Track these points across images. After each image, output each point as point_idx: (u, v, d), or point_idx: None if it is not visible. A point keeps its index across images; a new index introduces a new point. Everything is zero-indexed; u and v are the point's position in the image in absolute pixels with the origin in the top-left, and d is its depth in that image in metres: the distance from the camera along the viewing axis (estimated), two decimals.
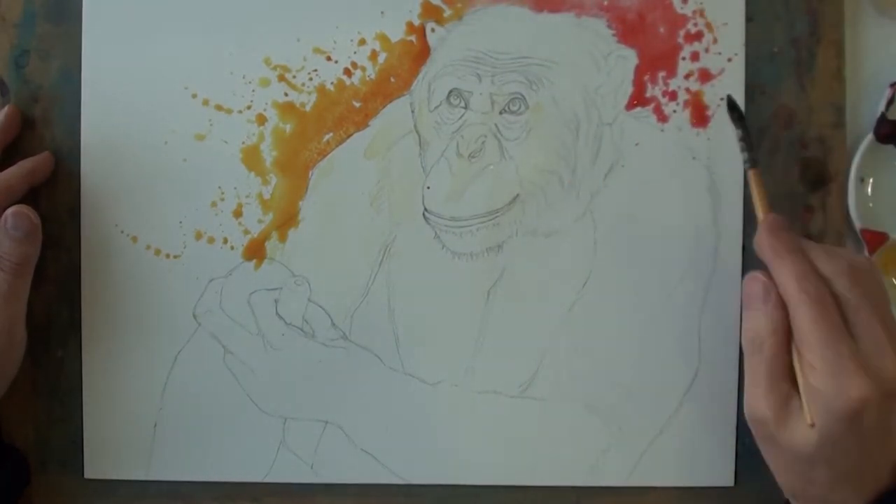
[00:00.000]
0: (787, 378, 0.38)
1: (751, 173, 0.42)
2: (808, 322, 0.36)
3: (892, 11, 0.48)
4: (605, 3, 0.47)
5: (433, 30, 0.47)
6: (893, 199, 0.48)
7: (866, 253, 0.47)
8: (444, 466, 0.48)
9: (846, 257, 0.38)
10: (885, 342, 0.36)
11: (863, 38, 0.48)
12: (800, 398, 0.37)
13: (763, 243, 0.40)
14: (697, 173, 0.47)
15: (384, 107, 0.47)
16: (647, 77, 0.47)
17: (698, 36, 0.47)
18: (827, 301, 0.37)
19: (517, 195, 0.47)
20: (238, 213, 0.48)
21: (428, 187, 0.47)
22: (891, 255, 0.48)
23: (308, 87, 0.47)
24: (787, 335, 0.38)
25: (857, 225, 0.47)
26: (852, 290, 0.37)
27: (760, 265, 0.47)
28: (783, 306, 0.38)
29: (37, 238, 0.45)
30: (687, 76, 0.47)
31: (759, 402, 0.38)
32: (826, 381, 0.35)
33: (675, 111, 0.47)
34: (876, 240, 0.47)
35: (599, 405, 0.47)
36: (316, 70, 0.47)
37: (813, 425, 0.36)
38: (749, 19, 0.47)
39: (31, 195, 0.47)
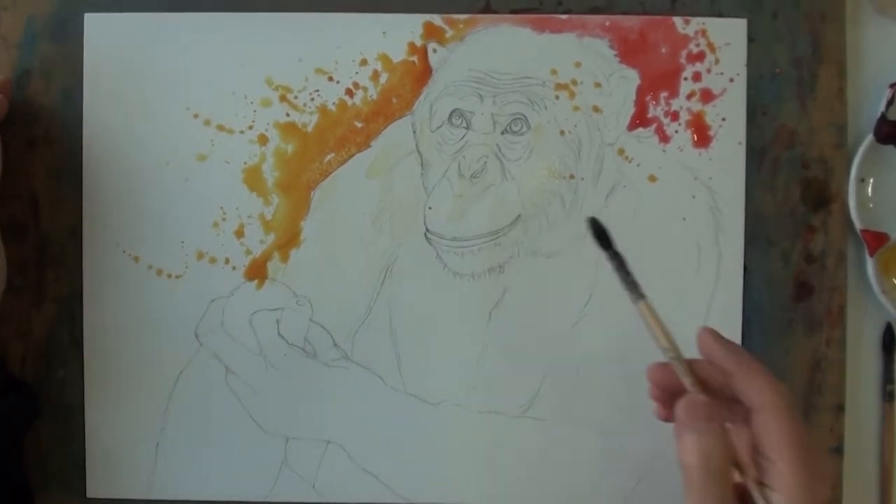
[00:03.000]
0: (736, 500, 0.36)
1: (641, 305, 0.38)
2: (787, 432, 0.35)
3: (892, 11, 0.48)
4: (607, 23, 0.47)
5: (435, 50, 0.47)
6: (893, 199, 0.48)
7: (867, 255, 0.47)
8: (445, 486, 0.48)
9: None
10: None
11: (863, 38, 0.48)
12: None
13: (721, 350, 0.38)
14: (699, 193, 0.47)
15: (386, 127, 0.47)
16: (649, 97, 0.47)
17: (700, 56, 0.47)
18: (795, 408, 0.36)
19: (519, 215, 0.47)
20: (240, 234, 0.48)
21: (430, 207, 0.47)
22: (891, 256, 0.48)
23: (310, 107, 0.47)
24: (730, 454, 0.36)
25: (858, 225, 0.47)
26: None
27: (763, 287, 0.47)
28: (725, 426, 0.36)
29: None
30: (689, 96, 0.47)
31: None
32: (802, 493, 0.34)
33: (676, 131, 0.47)
34: (876, 240, 0.47)
35: (600, 425, 0.47)
36: (318, 90, 0.47)
37: None
38: (751, 40, 0.47)
39: (32, 213, 0.47)
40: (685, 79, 0.47)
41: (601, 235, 0.39)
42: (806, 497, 0.35)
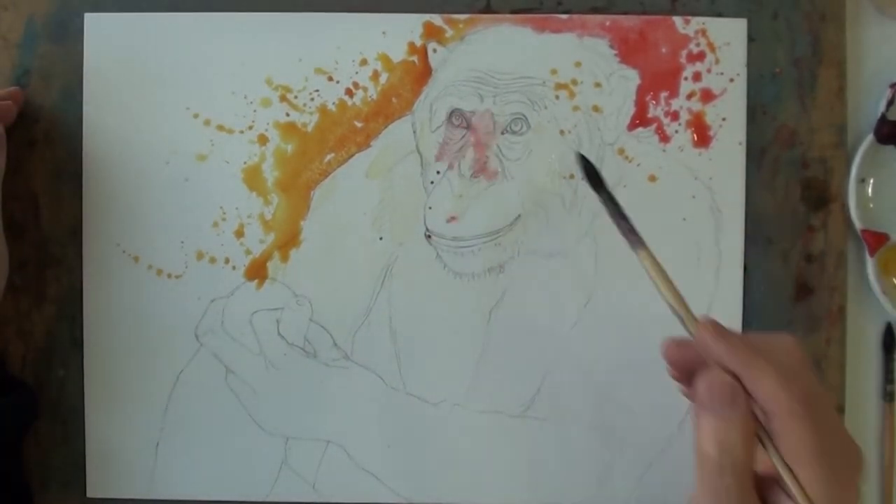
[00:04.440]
0: (755, 493, 0.32)
1: (641, 254, 0.34)
2: (805, 435, 0.31)
3: (892, 11, 0.48)
4: (608, 23, 0.47)
5: (435, 50, 0.47)
6: (893, 199, 0.48)
7: (867, 255, 0.48)
8: (445, 486, 0.48)
9: (790, 348, 0.33)
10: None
11: (863, 38, 0.48)
12: None
13: (722, 347, 0.33)
14: (699, 193, 0.47)
15: (386, 127, 0.47)
16: (649, 97, 0.47)
17: (700, 56, 0.47)
18: (816, 406, 0.32)
19: (519, 215, 0.47)
20: (240, 234, 0.48)
21: (430, 207, 0.47)
22: (891, 256, 0.48)
23: (310, 107, 0.47)
24: (754, 444, 0.32)
25: (858, 226, 0.47)
26: (819, 384, 0.33)
27: (763, 287, 0.47)
28: (751, 411, 0.32)
29: (1, 147, 0.44)
30: (689, 96, 0.47)
31: None
32: (824, 494, 0.31)
33: (676, 131, 0.47)
34: (876, 240, 0.48)
35: (601, 425, 0.47)
36: (317, 90, 0.47)
37: None
38: (751, 39, 0.47)
39: (32, 213, 0.47)
40: (685, 79, 0.47)
41: (592, 175, 0.36)
42: (828, 499, 0.30)
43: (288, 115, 0.47)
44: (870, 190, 0.48)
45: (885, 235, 0.48)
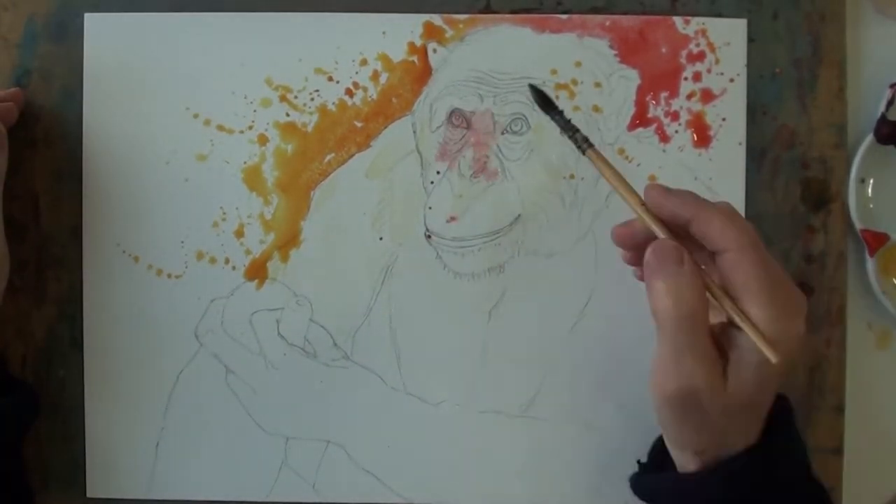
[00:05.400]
0: (713, 340, 0.35)
1: (590, 154, 0.38)
2: (754, 267, 0.34)
3: (892, 11, 0.48)
4: (608, 23, 0.47)
5: (435, 50, 0.47)
6: (893, 199, 0.48)
7: (867, 255, 0.47)
8: (445, 486, 0.48)
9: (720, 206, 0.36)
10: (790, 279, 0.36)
11: (863, 38, 0.48)
12: (722, 354, 0.35)
13: (673, 201, 0.36)
14: (699, 193, 0.47)
15: (386, 127, 0.47)
16: (649, 97, 0.47)
17: (700, 56, 0.47)
18: (760, 246, 0.35)
19: (519, 215, 0.47)
20: (240, 234, 0.48)
21: (430, 207, 0.47)
22: (891, 256, 0.48)
23: (309, 107, 0.47)
24: (705, 297, 0.35)
25: (858, 226, 0.47)
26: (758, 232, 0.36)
27: None
28: (698, 266, 0.35)
29: (2, 147, 0.44)
30: (689, 96, 0.47)
31: (690, 375, 0.34)
32: (774, 326, 0.34)
33: (677, 132, 0.47)
34: (876, 240, 0.47)
35: (601, 425, 0.47)
36: (317, 90, 0.47)
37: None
38: (751, 40, 0.47)
39: (32, 213, 0.47)
40: (685, 79, 0.47)
41: (545, 100, 0.40)
42: (778, 331, 0.34)
43: (288, 115, 0.47)
44: (870, 190, 0.48)
45: (885, 235, 0.48)
